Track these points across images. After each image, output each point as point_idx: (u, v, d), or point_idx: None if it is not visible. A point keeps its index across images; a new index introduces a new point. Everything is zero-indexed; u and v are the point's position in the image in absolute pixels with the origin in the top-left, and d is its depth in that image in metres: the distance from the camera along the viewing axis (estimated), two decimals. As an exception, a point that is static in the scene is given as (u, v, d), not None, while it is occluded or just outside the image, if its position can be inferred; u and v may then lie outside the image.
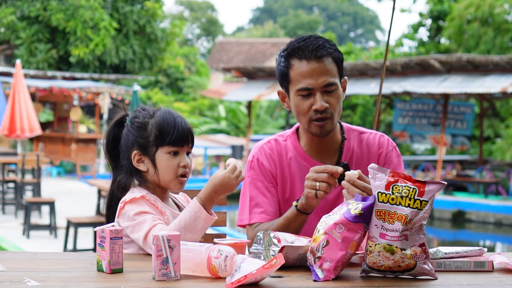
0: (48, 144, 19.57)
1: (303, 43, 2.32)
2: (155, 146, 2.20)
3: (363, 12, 67.31)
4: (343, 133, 2.49)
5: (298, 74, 2.32)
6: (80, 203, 12.76)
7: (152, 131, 2.20)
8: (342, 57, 2.38)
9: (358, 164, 2.43)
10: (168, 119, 2.21)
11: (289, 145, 2.49)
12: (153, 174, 2.22)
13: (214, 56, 42.43)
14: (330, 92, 2.32)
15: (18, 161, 11.57)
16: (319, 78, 2.30)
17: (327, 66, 2.31)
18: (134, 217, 2.12)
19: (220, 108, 29.21)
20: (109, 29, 22.32)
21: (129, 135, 2.24)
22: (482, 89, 15.40)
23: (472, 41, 22.09)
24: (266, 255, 1.87)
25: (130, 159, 2.24)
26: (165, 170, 2.21)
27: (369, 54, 28.48)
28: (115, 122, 2.30)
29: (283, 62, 2.36)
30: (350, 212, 1.81)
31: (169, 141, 2.19)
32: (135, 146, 2.23)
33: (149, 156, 2.21)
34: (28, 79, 17.88)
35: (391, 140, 2.53)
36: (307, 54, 2.30)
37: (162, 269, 1.73)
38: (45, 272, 1.78)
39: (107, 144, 2.31)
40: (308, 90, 2.31)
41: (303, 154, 2.46)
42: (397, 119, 19.35)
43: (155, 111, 2.25)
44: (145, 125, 2.22)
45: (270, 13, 66.70)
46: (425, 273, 1.81)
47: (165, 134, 2.19)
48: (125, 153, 2.26)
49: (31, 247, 8.43)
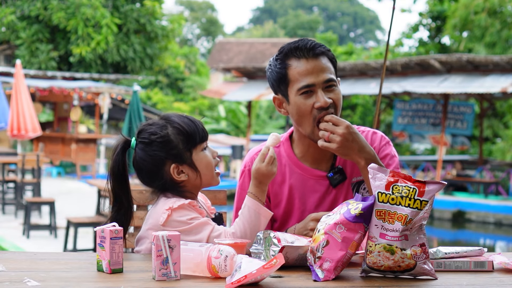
0: (48, 144, 19.58)
1: (299, 43, 2.31)
2: (188, 151, 2.17)
3: (363, 12, 67.32)
4: None
5: (297, 73, 2.28)
6: (80, 203, 12.76)
7: (178, 139, 2.16)
8: (334, 57, 2.37)
9: (352, 165, 2.39)
10: (185, 121, 2.19)
11: (282, 152, 2.44)
12: (195, 179, 2.19)
13: (214, 56, 42.41)
14: (331, 88, 2.29)
15: (18, 161, 11.57)
16: (320, 74, 2.27)
17: (326, 64, 2.30)
18: (189, 221, 2.08)
19: (220, 108, 29.21)
20: (111, 26, 22.33)
21: (156, 154, 2.15)
22: (482, 89, 15.40)
23: (478, 32, 21.90)
24: (266, 255, 1.87)
25: (165, 176, 2.17)
26: (206, 168, 2.20)
27: (369, 54, 28.49)
28: (122, 149, 2.19)
29: (279, 64, 2.31)
30: (350, 212, 1.81)
31: (199, 140, 2.19)
32: (169, 161, 2.16)
33: (187, 163, 2.17)
34: (28, 79, 17.88)
35: (384, 136, 2.48)
36: (305, 53, 2.29)
37: (162, 269, 1.73)
38: (45, 272, 1.78)
39: (115, 175, 2.18)
40: (310, 87, 2.27)
41: (297, 162, 2.41)
42: (397, 119, 19.35)
43: (164, 120, 2.20)
44: (167, 137, 2.16)
45: (270, 13, 66.70)
46: (425, 273, 1.81)
47: (192, 135, 2.17)
48: (157, 173, 2.17)
49: (31, 247, 8.43)
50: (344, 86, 18.09)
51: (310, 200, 2.39)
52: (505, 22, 21.55)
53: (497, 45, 21.50)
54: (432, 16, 26.06)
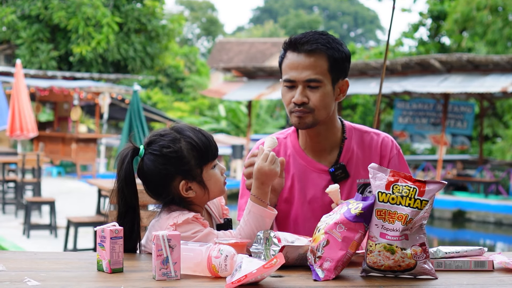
0: (48, 144, 19.58)
1: (301, 36, 2.31)
2: (199, 167, 2.11)
3: (363, 11, 67.32)
4: (344, 132, 2.44)
5: (286, 65, 2.31)
6: (80, 203, 12.77)
7: (190, 155, 2.09)
8: (343, 57, 2.31)
9: (357, 164, 2.39)
10: (199, 136, 2.12)
11: (288, 142, 2.47)
12: (202, 196, 2.14)
13: (214, 56, 42.42)
14: (313, 88, 2.28)
15: (18, 161, 11.57)
16: (303, 72, 2.27)
17: (314, 62, 2.27)
18: (193, 235, 2.03)
19: (220, 108, 29.21)
20: (112, 25, 22.33)
21: (166, 168, 2.08)
22: (482, 89, 15.40)
23: (480, 29, 21.82)
24: (267, 254, 1.87)
25: (172, 191, 2.11)
26: (215, 185, 2.15)
27: (369, 54, 28.47)
28: (130, 159, 2.10)
29: (282, 52, 2.37)
30: (350, 211, 1.81)
31: (211, 157, 2.14)
32: (178, 177, 2.09)
33: (196, 180, 2.11)
34: (28, 78, 17.88)
35: (395, 143, 2.46)
36: (299, 47, 2.28)
37: (162, 268, 1.73)
38: (45, 272, 1.78)
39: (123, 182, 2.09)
40: (291, 82, 2.30)
41: (301, 152, 2.43)
42: (397, 119, 19.36)
43: (177, 133, 2.12)
44: (181, 151, 2.09)
45: (271, 12, 66.70)
46: (425, 272, 1.81)
47: (205, 152, 2.11)
48: (164, 187, 2.11)
49: (31, 246, 8.43)
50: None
51: (311, 192, 2.39)
52: (507, 20, 21.49)
53: (498, 43, 21.44)
54: (432, 15, 26.05)
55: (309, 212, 2.38)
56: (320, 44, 2.27)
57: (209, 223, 2.23)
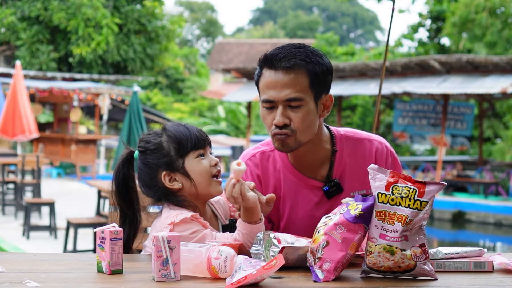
0: (48, 145, 19.59)
1: (277, 51, 2.14)
2: (180, 157, 2.13)
3: (363, 12, 67.33)
4: (333, 144, 2.31)
5: (264, 84, 2.15)
6: (80, 204, 12.76)
7: (170, 145, 2.14)
8: (324, 70, 2.15)
9: (351, 177, 2.29)
10: (179, 128, 2.17)
11: (276, 156, 2.33)
12: (189, 187, 2.14)
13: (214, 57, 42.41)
14: (294, 108, 2.13)
15: (18, 162, 11.57)
16: (282, 91, 2.11)
17: (294, 79, 2.11)
18: (191, 236, 2.04)
19: (220, 109, 29.22)
20: (112, 26, 22.34)
21: (149, 162, 2.15)
22: (481, 90, 15.41)
23: (479, 31, 21.82)
24: (266, 255, 1.87)
25: (159, 185, 2.15)
26: (200, 175, 2.14)
27: (369, 55, 28.49)
28: (123, 160, 2.20)
29: (258, 70, 2.20)
30: (350, 212, 1.81)
31: (191, 147, 2.14)
32: (161, 168, 2.14)
33: (178, 170, 2.13)
34: (28, 80, 17.89)
35: (389, 149, 2.34)
36: (276, 64, 2.12)
37: (162, 270, 1.73)
38: (45, 273, 1.78)
39: (117, 186, 2.19)
40: (270, 102, 2.14)
41: (291, 168, 2.31)
42: (397, 120, 19.37)
43: (161, 129, 2.19)
44: (160, 144, 2.15)
45: (270, 13, 66.73)
46: (425, 273, 1.81)
47: (184, 142, 2.13)
48: (152, 181, 2.17)
49: (31, 248, 8.43)
50: (344, 86, 18.10)
51: (302, 209, 2.31)
52: (506, 22, 21.52)
53: (497, 45, 21.47)
54: (431, 16, 26.07)
55: (301, 229, 2.29)
56: (298, 59, 2.11)
57: (215, 224, 2.23)
